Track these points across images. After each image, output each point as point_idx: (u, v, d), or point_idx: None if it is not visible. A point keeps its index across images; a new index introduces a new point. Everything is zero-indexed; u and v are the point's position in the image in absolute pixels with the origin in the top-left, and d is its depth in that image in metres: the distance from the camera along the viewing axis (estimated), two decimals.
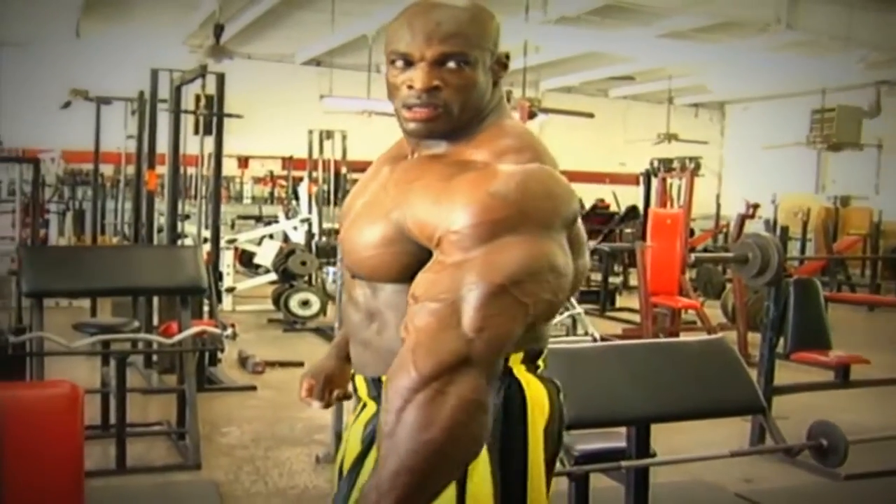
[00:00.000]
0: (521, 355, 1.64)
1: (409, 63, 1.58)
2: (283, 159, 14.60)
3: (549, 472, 1.69)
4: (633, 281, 11.15)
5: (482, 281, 1.41)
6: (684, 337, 7.25)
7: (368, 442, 1.66)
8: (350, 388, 1.87)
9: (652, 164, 10.85)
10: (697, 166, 10.21)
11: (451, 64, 1.56)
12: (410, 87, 1.58)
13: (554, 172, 1.56)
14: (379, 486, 1.38)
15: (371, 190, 1.70)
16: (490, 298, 1.41)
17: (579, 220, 1.64)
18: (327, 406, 1.96)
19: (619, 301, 11.12)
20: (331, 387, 1.96)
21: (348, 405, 4.70)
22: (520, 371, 1.64)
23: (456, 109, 1.58)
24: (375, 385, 1.67)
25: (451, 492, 1.54)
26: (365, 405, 1.73)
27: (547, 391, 1.67)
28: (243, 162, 14.92)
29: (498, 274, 1.42)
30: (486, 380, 1.42)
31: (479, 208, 1.45)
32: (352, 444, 1.71)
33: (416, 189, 1.55)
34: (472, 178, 1.50)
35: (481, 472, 1.57)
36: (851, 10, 10.39)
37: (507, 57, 1.66)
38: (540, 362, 1.70)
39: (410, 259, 1.54)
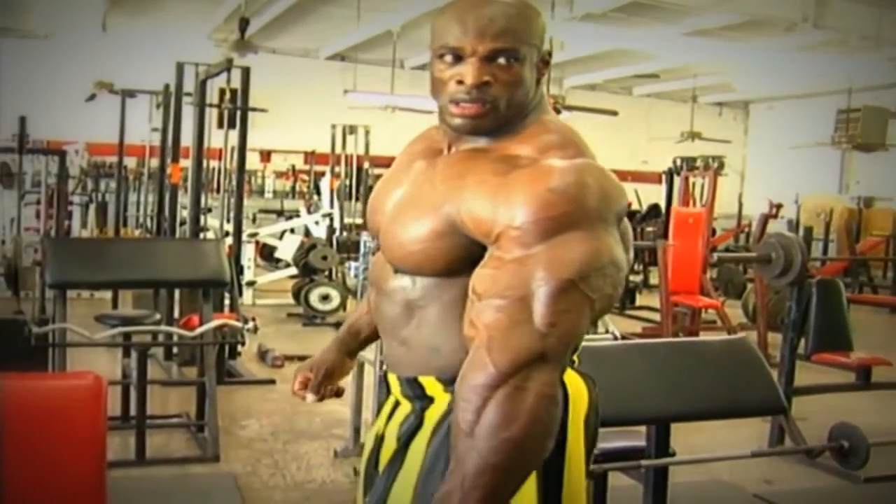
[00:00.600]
0: None
1: (458, 58, 1.57)
2: (306, 154, 14.63)
3: (588, 463, 1.68)
4: (653, 279, 11.11)
5: (551, 277, 1.42)
6: (704, 336, 7.23)
7: (405, 440, 1.67)
8: (341, 383, 1.90)
9: (675, 162, 10.83)
10: (721, 165, 10.19)
11: (502, 60, 1.56)
12: (460, 83, 1.57)
13: (603, 168, 1.56)
14: (462, 485, 1.38)
15: (409, 183, 1.68)
16: (560, 294, 1.42)
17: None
18: (321, 400, 1.96)
19: (640, 299, 11.08)
20: (329, 381, 1.97)
21: (367, 401, 4.72)
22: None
23: (503, 106, 1.58)
24: (410, 385, 1.67)
25: None
26: (398, 403, 1.72)
27: (585, 384, 1.67)
28: (266, 156, 14.96)
29: (565, 269, 1.43)
30: (558, 374, 1.45)
31: (539, 204, 1.45)
32: (388, 443, 1.71)
33: (469, 184, 1.54)
34: (529, 174, 1.50)
35: None
36: (881, 8, 10.31)
37: (550, 55, 1.66)
38: (575, 357, 1.69)
39: (461, 252, 1.55)
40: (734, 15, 10.91)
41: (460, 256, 1.55)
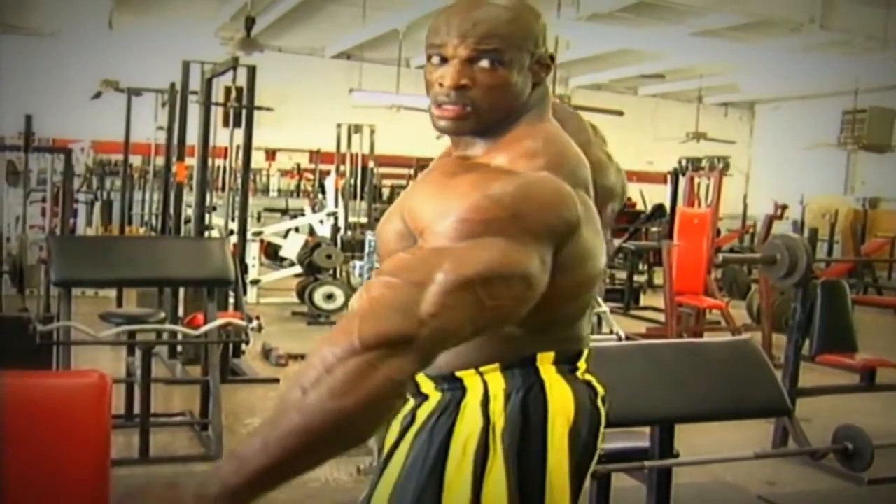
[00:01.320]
0: (551, 355, 1.63)
1: (444, 60, 1.57)
2: (311, 152, 14.64)
3: (578, 478, 1.66)
4: (657, 280, 11.11)
5: (452, 271, 1.38)
6: (708, 337, 7.22)
7: (399, 436, 1.67)
8: None
9: (680, 162, 10.81)
10: (726, 166, 10.16)
11: (485, 63, 1.55)
12: (441, 84, 1.57)
13: (558, 183, 1.52)
14: (268, 437, 1.28)
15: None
16: (454, 289, 1.38)
17: (588, 229, 1.58)
18: None
19: (644, 300, 11.08)
20: None
21: None
22: (547, 371, 1.63)
23: (485, 109, 1.57)
24: (412, 381, 1.67)
25: (465, 493, 1.56)
26: (407, 401, 1.73)
27: (574, 393, 1.64)
28: (271, 154, 14.97)
29: (469, 268, 1.39)
30: (416, 367, 1.37)
31: (469, 206, 1.44)
32: (389, 438, 1.72)
33: (420, 184, 1.59)
34: (473, 179, 1.50)
35: (496, 475, 1.57)
36: (887, 9, 10.29)
37: (552, 58, 1.65)
38: (581, 364, 1.69)
39: None
40: (740, 15, 10.89)
41: None
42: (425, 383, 1.65)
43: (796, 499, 4.48)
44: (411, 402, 1.70)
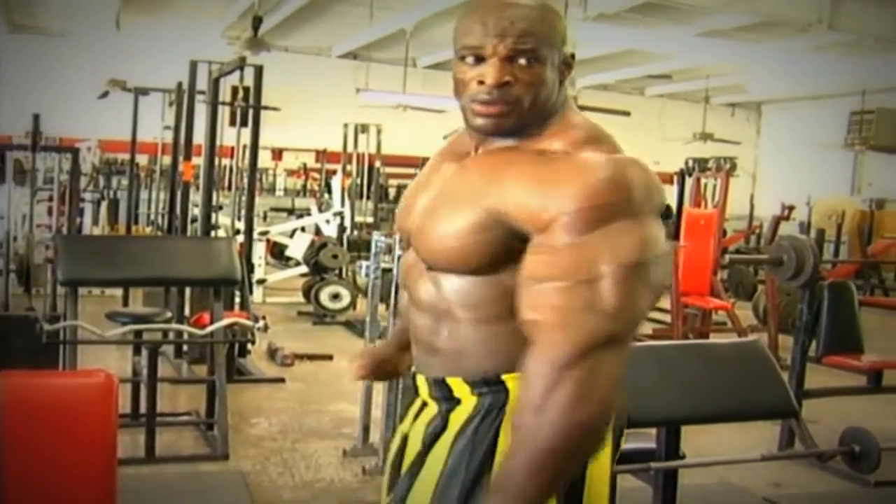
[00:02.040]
0: None
1: (479, 59, 1.59)
2: (317, 152, 14.64)
3: (612, 475, 1.71)
4: None
5: (612, 261, 1.44)
6: (714, 338, 7.21)
7: (430, 442, 1.67)
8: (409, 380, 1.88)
9: (687, 163, 10.79)
10: (733, 167, 10.14)
11: (522, 60, 1.57)
12: (481, 83, 1.58)
13: (643, 163, 1.58)
14: (530, 464, 1.39)
15: (439, 184, 1.69)
16: (625, 279, 1.44)
17: None
18: (371, 380, 2.01)
19: None
20: (381, 369, 2.02)
21: (376, 399, 4.72)
22: None
23: (526, 106, 1.59)
24: (438, 386, 1.68)
25: None
26: (425, 405, 1.73)
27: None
28: (277, 154, 14.98)
29: (626, 256, 1.45)
30: (625, 358, 1.46)
31: (589, 193, 1.47)
32: (412, 444, 1.72)
33: (509, 176, 1.55)
34: (575, 165, 1.52)
35: None
36: None
37: (573, 57, 1.67)
38: None
39: (499, 248, 1.56)
40: (748, 15, 10.87)
41: (497, 252, 1.56)
42: (460, 387, 1.64)
43: (802, 501, 4.48)
44: (434, 408, 1.70)
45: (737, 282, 10.18)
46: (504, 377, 1.61)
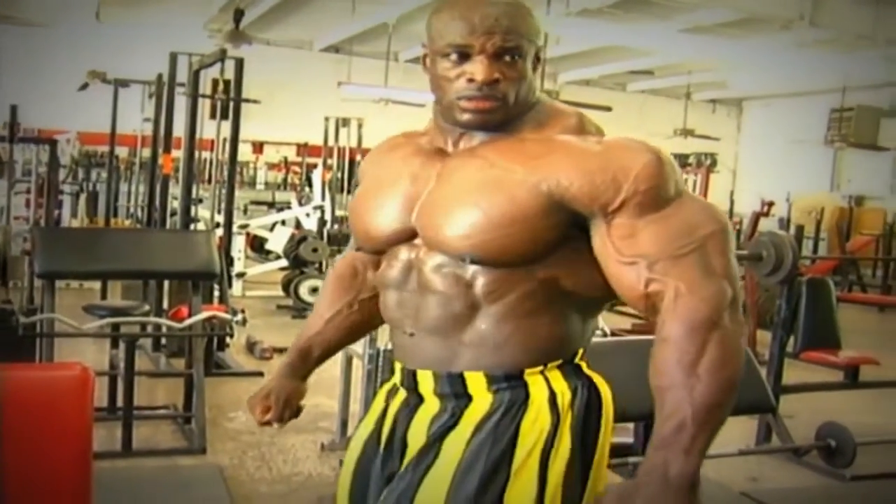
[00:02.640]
0: (582, 351, 1.71)
1: (464, 56, 1.60)
2: (298, 146, 14.60)
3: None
4: None
5: (708, 229, 1.54)
6: None
7: (437, 437, 1.66)
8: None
9: None
10: (713, 162, 10.19)
11: (507, 57, 1.60)
12: (470, 80, 1.59)
13: None
14: (694, 420, 1.44)
15: (436, 177, 1.67)
16: (723, 244, 1.55)
17: None
18: (284, 425, 2.03)
19: None
20: (288, 407, 2.02)
21: (354, 393, 4.70)
22: (585, 368, 1.71)
23: (511, 101, 1.62)
24: (451, 381, 1.66)
25: (532, 481, 1.59)
26: (422, 402, 1.71)
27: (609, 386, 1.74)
28: (258, 147, 14.93)
29: (710, 223, 1.55)
30: (741, 315, 1.54)
31: (653, 171, 1.55)
32: (414, 440, 1.70)
33: (564, 159, 1.58)
34: (622, 145, 1.60)
35: (560, 463, 1.61)
36: (877, 7, 10.31)
37: (540, 50, 1.70)
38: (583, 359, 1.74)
39: (555, 234, 1.59)
40: (729, 12, 10.90)
41: (553, 238, 1.59)
42: (478, 383, 1.64)
43: (779, 495, 4.49)
44: (435, 405, 1.68)
45: None
46: (526, 372, 1.63)
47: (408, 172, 1.72)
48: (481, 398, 1.64)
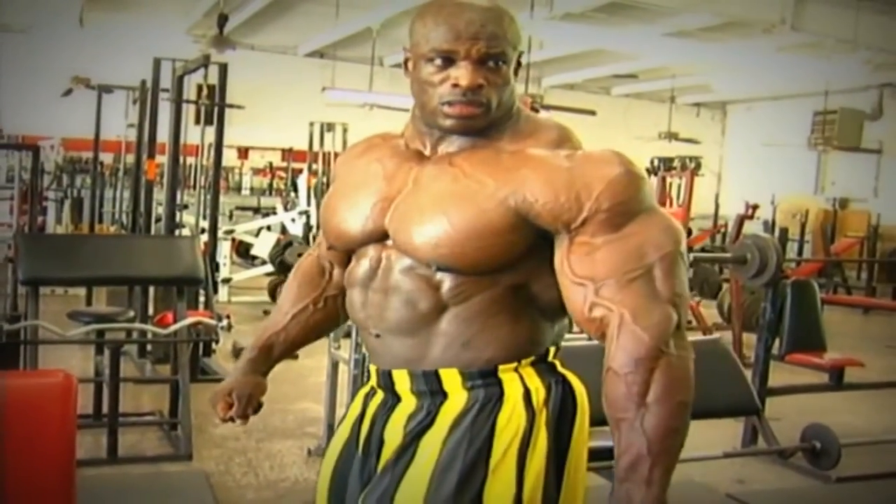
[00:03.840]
0: (554, 349, 1.71)
1: (448, 61, 1.61)
2: (283, 151, 14.59)
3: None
4: None
5: (659, 252, 1.53)
6: None
7: (413, 437, 1.66)
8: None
9: (652, 162, 10.85)
10: (698, 166, 10.20)
11: (491, 63, 1.61)
12: (455, 86, 1.60)
13: None
14: (650, 451, 1.46)
15: (412, 183, 1.68)
16: (673, 266, 1.54)
17: None
18: (246, 421, 2.00)
19: None
20: (251, 403, 2.00)
21: (341, 398, 4.69)
22: (559, 366, 1.71)
23: (495, 107, 1.63)
24: (426, 379, 1.66)
25: (510, 478, 1.60)
26: (399, 401, 1.71)
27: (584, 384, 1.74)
28: (243, 153, 14.91)
29: (667, 244, 1.55)
30: (685, 332, 1.54)
31: (617, 189, 1.54)
32: (391, 439, 1.70)
33: (531, 175, 1.58)
34: (593, 161, 1.58)
35: (538, 460, 1.62)
36: (857, 11, 10.37)
37: (521, 56, 1.71)
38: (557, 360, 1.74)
39: (522, 247, 1.60)
40: (713, 16, 10.94)
41: (520, 251, 1.60)
42: (452, 380, 1.65)
43: (765, 497, 4.49)
44: (412, 403, 1.69)
45: (701, 280, 10.23)
46: (500, 368, 1.63)
47: (383, 173, 1.73)
48: (457, 395, 1.65)
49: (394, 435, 1.70)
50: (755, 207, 10.36)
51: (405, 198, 1.67)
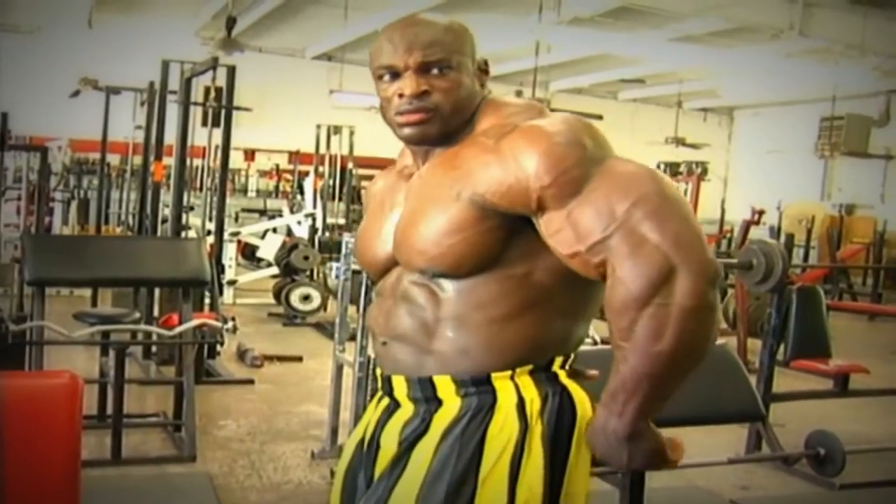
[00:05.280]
0: (561, 360, 1.69)
1: (395, 75, 1.68)
2: (290, 153, 14.60)
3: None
4: None
5: (630, 200, 1.51)
6: None
7: (409, 444, 1.67)
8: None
9: (658, 167, 10.82)
10: (704, 171, 10.20)
11: (435, 70, 1.67)
12: (401, 96, 1.66)
13: (576, 116, 1.66)
14: (624, 387, 1.53)
15: (405, 201, 1.73)
16: (652, 208, 1.51)
17: None
18: None
19: None
20: None
21: (345, 401, 4.71)
22: (561, 375, 1.69)
23: (447, 111, 1.67)
24: (422, 386, 1.68)
25: (502, 490, 1.59)
26: (397, 407, 1.73)
27: (588, 397, 1.72)
28: (250, 155, 14.92)
29: (634, 189, 1.52)
30: (703, 280, 1.50)
31: (550, 160, 1.54)
32: (386, 448, 1.71)
33: (474, 167, 1.61)
34: (527, 135, 1.58)
35: (532, 473, 1.61)
36: (865, 17, 10.36)
37: (486, 63, 1.76)
38: (561, 371, 1.72)
39: (499, 234, 1.60)
40: (720, 21, 10.95)
41: (499, 238, 1.60)
42: (446, 387, 1.65)
43: (769, 503, 4.50)
44: (410, 409, 1.70)
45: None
46: (495, 376, 1.63)
47: (388, 201, 1.80)
48: (451, 402, 1.65)
49: (389, 440, 1.71)
50: (761, 213, 10.35)
51: (400, 217, 1.73)
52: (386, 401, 1.77)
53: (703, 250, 1.52)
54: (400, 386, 1.71)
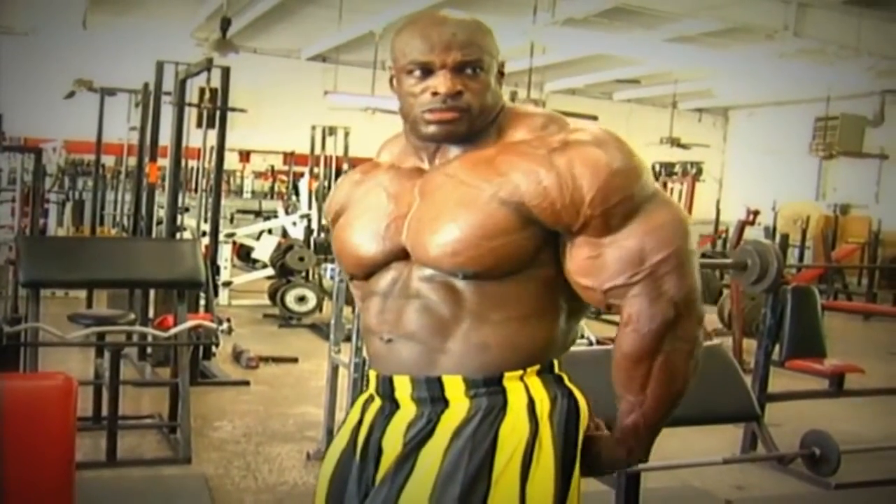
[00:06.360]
0: (557, 362, 1.71)
1: (427, 72, 1.66)
2: (285, 154, 14.58)
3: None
4: None
5: (663, 252, 1.60)
6: None
7: (413, 446, 1.66)
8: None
9: (654, 167, 10.84)
10: (699, 171, 10.20)
11: (469, 70, 1.66)
12: (435, 94, 1.65)
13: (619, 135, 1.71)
14: (646, 425, 1.68)
15: (417, 194, 1.70)
16: (677, 265, 1.61)
17: None
18: None
19: None
20: None
21: (340, 402, 4.70)
22: (566, 380, 1.72)
23: (476, 112, 1.67)
24: (429, 386, 1.67)
25: (514, 490, 1.60)
26: (398, 408, 1.71)
27: (585, 398, 1.75)
28: (245, 156, 14.91)
29: (669, 242, 1.61)
30: (698, 324, 1.66)
31: (614, 187, 1.59)
32: (390, 448, 1.70)
33: (519, 175, 1.62)
34: (579, 155, 1.61)
35: (543, 474, 1.62)
36: (860, 18, 10.37)
37: (503, 65, 1.76)
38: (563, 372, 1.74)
39: (537, 241, 1.63)
40: (715, 22, 10.95)
41: (538, 244, 1.63)
42: (455, 387, 1.65)
43: (763, 503, 4.51)
44: (412, 410, 1.68)
45: (702, 286, 10.22)
46: (506, 376, 1.64)
47: (388, 195, 1.76)
48: (458, 403, 1.64)
49: (393, 443, 1.69)
50: (756, 213, 10.36)
51: (415, 212, 1.69)
52: (379, 403, 1.75)
53: (700, 299, 1.66)
54: (403, 386, 1.69)
